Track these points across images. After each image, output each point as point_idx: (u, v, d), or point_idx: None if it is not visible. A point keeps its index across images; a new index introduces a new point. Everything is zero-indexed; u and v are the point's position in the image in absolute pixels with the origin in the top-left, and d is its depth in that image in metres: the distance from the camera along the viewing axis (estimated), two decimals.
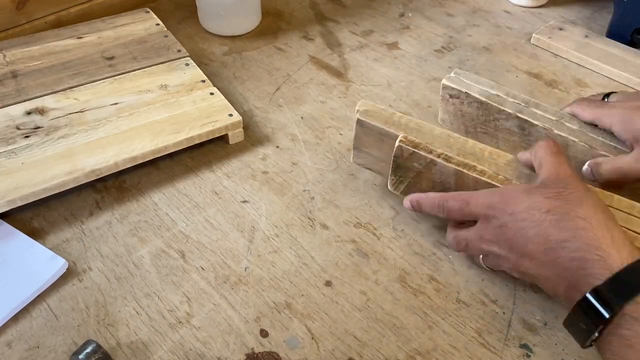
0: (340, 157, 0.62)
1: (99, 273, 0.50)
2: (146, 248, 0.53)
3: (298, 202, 0.57)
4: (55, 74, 0.66)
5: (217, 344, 0.45)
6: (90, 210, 0.56)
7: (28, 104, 0.62)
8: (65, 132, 0.59)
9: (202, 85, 0.66)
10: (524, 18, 0.86)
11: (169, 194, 0.58)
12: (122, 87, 0.65)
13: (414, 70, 0.75)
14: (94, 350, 0.42)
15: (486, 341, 0.46)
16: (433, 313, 0.48)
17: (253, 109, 0.68)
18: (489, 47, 0.79)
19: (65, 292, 0.49)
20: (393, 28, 0.83)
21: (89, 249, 0.52)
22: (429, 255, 0.52)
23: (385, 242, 0.54)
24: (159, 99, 0.63)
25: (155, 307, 0.48)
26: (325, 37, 0.81)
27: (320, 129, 0.66)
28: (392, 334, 0.47)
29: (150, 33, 0.74)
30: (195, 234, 0.54)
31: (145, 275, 0.50)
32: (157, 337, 0.46)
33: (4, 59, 0.68)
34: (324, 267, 0.51)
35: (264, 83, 0.72)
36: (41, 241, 0.53)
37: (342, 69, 0.75)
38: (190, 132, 0.59)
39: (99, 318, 0.47)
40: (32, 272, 0.49)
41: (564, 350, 0.45)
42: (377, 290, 0.50)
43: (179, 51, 0.71)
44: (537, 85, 0.72)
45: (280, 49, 0.78)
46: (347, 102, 0.69)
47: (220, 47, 0.78)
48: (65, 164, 0.55)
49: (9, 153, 0.56)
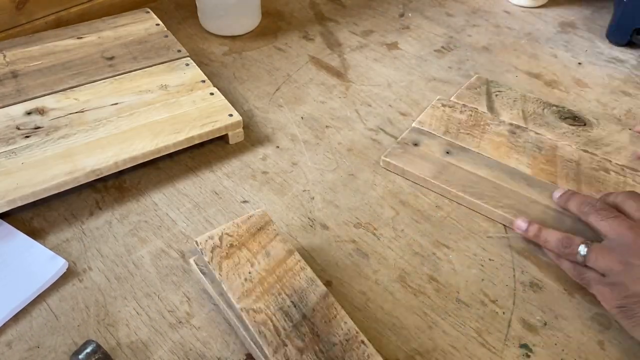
0: (340, 157, 0.62)
1: (99, 273, 0.50)
2: (146, 248, 0.53)
3: (298, 202, 0.57)
4: (55, 74, 0.66)
5: (217, 344, 0.45)
6: (91, 210, 0.56)
7: (28, 104, 0.62)
8: (66, 132, 0.59)
9: (202, 85, 0.66)
10: (524, 18, 0.86)
11: (169, 194, 0.58)
12: (122, 87, 0.65)
13: (414, 70, 0.75)
14: (94, 350, 0.42)
15: (486, 341, 0.46)
16: (433, 313, 0.48)
17: (253, 109, 0.68)
18: (489, 47, 0.79)
19: (65, 292, 0.49)
20: (393, 28, 0.83)
21: (89, 249, 0.52)
22: (429, 255, 0.52)
23: (385, 242, 0.54)
24: (159, 99, 0.63)
25: (156, 307, 0.48)
26: (325, 37, 0.81)
27: (320, 129, 0.66)
28: (392, 334, 0.47)
29: (151, 33, 0.74)
30: (195, 234, 0.54)
31: (145, 275, 0.50)
32: (157, 337, 0.46)
33: (4, 59, 0.68)
34: (324, 267, 0.51)
35: (264, 83, 0.72)
36: (41, 241, 0.53)
37: (342, 69, 0.75)
38: (190, 132, 0.59)
39: (99, 318, 0.47)
40: (32, 272, 0.49)
41: (563, 351, 0.46)
42: (377, 290, 0.50)
43: (179, 51, 0.71)
44: (537, 85, 0.72)
45: (280, 49, 0.78)
46: (347, 102, 0.69)
47: (220, 47, 0.78)
48: (65, 164, 0.55)
49: (9, 153, 0.56)
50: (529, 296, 0.49)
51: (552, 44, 0.80)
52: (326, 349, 0.41)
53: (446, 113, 0.65)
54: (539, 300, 0.49)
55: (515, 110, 0.66)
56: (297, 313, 0.43)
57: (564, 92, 0.71)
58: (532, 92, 0.71)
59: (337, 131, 0.65)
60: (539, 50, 0.79)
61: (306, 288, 0.45)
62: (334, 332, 0.42)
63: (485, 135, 0.62)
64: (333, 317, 0.43)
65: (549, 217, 0.54)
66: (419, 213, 0.56)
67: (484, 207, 0.55)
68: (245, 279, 0.44)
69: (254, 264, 0.45)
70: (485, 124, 0.64)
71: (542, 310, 0.48)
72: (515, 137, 0.62)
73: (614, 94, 0.71)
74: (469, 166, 0.59)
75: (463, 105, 0.66)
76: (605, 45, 0.80)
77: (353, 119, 0.67)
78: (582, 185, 0.56)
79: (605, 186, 0.56)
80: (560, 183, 0.57)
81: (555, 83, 0.73)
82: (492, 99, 0.67)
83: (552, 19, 0.85)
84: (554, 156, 0.60)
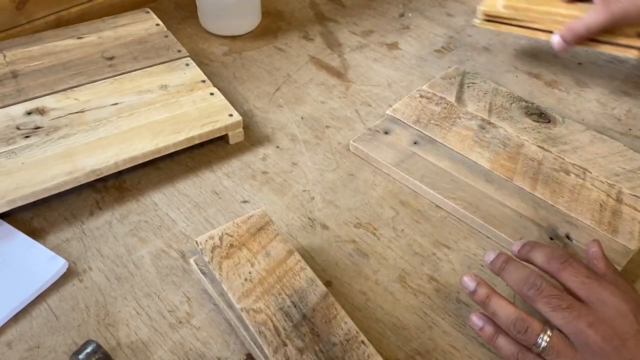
0: (341, 157, 0.62)
1: (99, 273, 0.50)
2: (146, 248, 0.53)
3: (298, 202, 0.57)
4: (55, 74, 0.66)
5: (217, 344, 0.45)
6: (91, 210, 0.56)
7: (28, 104, 0.62)
8: (66, 132, 0.59)
9: (202, 85, 0.66)
10: None
11: (169, 194, 0.58)
12: (122, 87, 0.65)
13: (414, 70, 0.75)
14: (94, 350, 0.42)
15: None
16: (433, 313, 0.48)
17: (253, 109, 0.68)
18: (489, 47, 0.79)
19: (65, 292, 0.49)
20: (393, 28, 0.83)
21: (89, 249, 0.52)
22: (429, 255, 0.52)
23: (385, 242, 0.54)
24: (159, 99, 0.63)
25: (156, 307, 0.48)
26: (325, 37, 0.81)
27: (320, 129, 0.66)
28: (392, 334, 0.47)
29: (151, 33, 0.74)
30: (195, 234, 0.54)
31: (145, 275, 0.50)
32: (157, 337, 0.46)
33: (4, 59, 0.68)
34: (324, 267, 0.51)
35: (264, 83, 0.72)
36: (41, 241, 0.53)
37: (342, 69, 0.75)
38: (190, 132, 0.59)
39: (99, 318, 0.47)
40: (32, 272, 0.49)
41: None
42: (377, 290, 0.50)
43: (179, 51, 0.71)
44: (537, 85, 0.72)
45: (280, 49, 0.78)
46: (347, 102, 0.69)
47: (220, 47, 0.78)
48: (65, 164, 0.55)
49: (9, 153, 0.56)
50: None
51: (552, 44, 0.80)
52: (326, 349, 0.41)
53: (422, 103, 0.66)
54: None
55: (482, 102, 0.66)
56: (297, 313, 0.43)
57: (564, 92, 0.71)
58: (532, 92, 0.71)
59: (337, 131, 0.65)
60: (539, 50, 0.79)
61: (306, 288, 0.45)
62: (334, 332, 0.42)
63: (453, 128, 0.63)
64: (333, 317, 0.43)
65: (500, 214, 0.54)
66: (419, 213, 0.56)
67: (438, 197, 0.56)
68: (245, 279, 0.44)
69: (254, 264, 0.45)
70: (457, 117, 0.64)
71: None
72: (484, 132, 0.62)
73: (614, 94, 0.71)
74: (431, 157, 0.60)
75: (440, 97, 0.67)
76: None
77: (353, 119, 0.67)
78: (538, 184, 0.57)
79: (562, 187, 0.56)
80: (516, 179, 0.57)
81: (555, 83, 0.73)
82: (463, 90, 0.68)
83: None
84: (517, 154, 0.60)
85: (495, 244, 0.53)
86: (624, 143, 0.62)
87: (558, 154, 0.60)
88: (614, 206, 0.55)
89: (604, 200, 0.55)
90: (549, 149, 0.61)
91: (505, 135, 0.62)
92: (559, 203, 0.55)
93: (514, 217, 0.54)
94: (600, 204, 0.55)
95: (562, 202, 0.55)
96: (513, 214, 0.54)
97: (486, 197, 0.56)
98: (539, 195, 0.56)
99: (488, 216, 0.54)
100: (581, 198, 0.56)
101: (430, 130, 0.63)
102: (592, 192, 0.56)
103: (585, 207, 0.55)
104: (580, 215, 0.54)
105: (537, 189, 0.56)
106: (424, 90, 0.68)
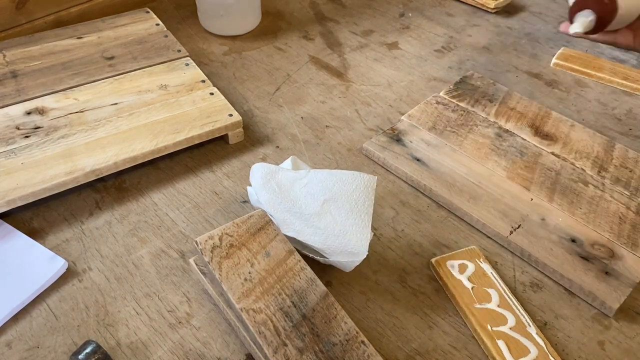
0: (340, 157, 0.62)
1: (99, 273, 0.50)
2: (146, 248, 0.53)
3: None
4: (55, 74, 0.66)
5: (217, 344, 0.45)
6: (90, 210, 0.56)
7: (28, 104, 0.62)
8: (65, 132, 0.59)
9: (202, 85, 0.66)
10: (524, 18, 0.86)
11: (169, 194, 0.58)
12: (122, 87, 0.65)
13: (414, 70, 0.75)
14: (94, 350, 0.42)
15: None
16: (433, 313, 0.48)
17: (253, 109, 0.68)
18: (489, 47, 0.79)
19: (65, 292, 0.49)
20: (393, 28, 0.83)
21: (89, 249, 0.52)
22: (429, 255, 0.52)
23: (385, 242, 0.54)
24: (159, 99, 0.63)
25: (155, 307, 0.48)
26: (325, 37, 0.81)
27: (320, 129, 0.66)
28: (392, 334, 0.47)
29: (150, 33, 0.74)
30: (195, 234, 0.54)
31: (145, 275, 0.50)
32: (157, 337, 0.46)
33: (4, 59, 0.68)
34: (324, 267, 0.51)
35: (264, 83, 0.72)
36: (41, 241, 0.52)
37: (342, 69, 0.75)
38: (190, 132, 0.59)
39: (98, 318, 0.47)
40: (32, 272, 0.49)
41: (564, 351, 0.45)
42: (377, 290, 0.50)
43: (179, 51, 0.71)
44: (537, 85, 0.72)
45: (280, 49, 0.78)
46: (347, 102, 0.69)
47: (220, 47, 0.78)
48: (65, 164, 0.55)
49: (9, 153, 0.56)
50: (529, 296, 0.49)
51: (552, 44, 0.80)
52: (326, 349, 0.41)
53: (438, 110, 0.66)
54: (539, 300, 0.49)
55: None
56: (297, 313, 0.43)
57: (564, 92, 0.71)
58: (532, 92, 0.71)
59: (337, 131, 0.65)
60: (539, 50, 0.79)
61: (306, 288, 0.45)
62: (334, 332, 0.42)
63: (469, 135, 0.62)
64: (333, 317, 0.43)
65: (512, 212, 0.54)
66: (419, 213, 0.56)
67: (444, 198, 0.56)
68: (245, 279, 0.44)
69: (254, 264, 0.45)
70: (474, 124, 0.64)
71: (542, 310, 0.48)
72: (501, 140, 0.62)
73: (614, 93, 0.71)
74: (446, 162, 0.60)
75: (456, 104, 0.66)
76: (606, 45, 0.80)
77: (353, 119, 0.67)
78: (555, 195, 0.56)
79: (580, 198, 0.55)
80: (533, 189, 0.56)
81: (555, 83, 0.73)
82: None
83: (552, 19, 0.85)
84: (534, 163, 0.59)
85: (495, 244, 0.53)
86: (624, 143, 0.62)
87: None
88: (633, 219, 0.54)
89: (623, 212, 0.54)
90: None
91: (522, 144, 0.61)
92: (577, 215, 0.54)
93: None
94: (620, 216, 0.54)
95: (579, 213, 0.54)
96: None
97: (505, 205, 0.55)
98: (556, 206, 0.55)
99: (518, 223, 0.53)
100: (599, 210, 0.54)
101: (447, 137, 0.62)
102: (611, 204, 0.55)
103: (604, 219, 0.54)
104: (599, 228, 0.53)
105: (555, 200, 0.55)
106: (440, 96, 0.68)
